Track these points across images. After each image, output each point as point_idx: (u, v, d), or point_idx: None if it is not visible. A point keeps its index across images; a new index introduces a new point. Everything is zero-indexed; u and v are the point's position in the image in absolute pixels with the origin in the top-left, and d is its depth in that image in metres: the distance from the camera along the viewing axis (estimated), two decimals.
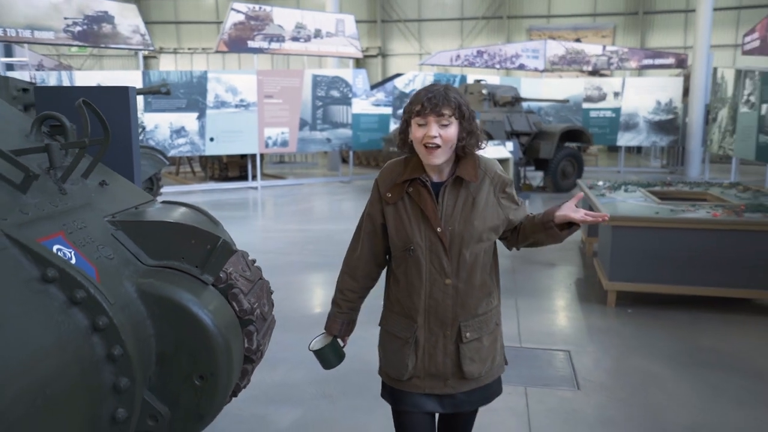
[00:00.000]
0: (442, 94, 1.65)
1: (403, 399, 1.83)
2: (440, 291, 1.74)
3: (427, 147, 1.66)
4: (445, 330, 1.76)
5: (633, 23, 24.76)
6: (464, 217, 1.72)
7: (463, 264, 1.73)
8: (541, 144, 11.32)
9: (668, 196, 5.83)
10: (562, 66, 16.04)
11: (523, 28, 25.61)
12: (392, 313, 1.85)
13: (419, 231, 1.73)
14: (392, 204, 1.77)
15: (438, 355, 1.78)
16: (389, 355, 1.85)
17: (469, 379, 1.80)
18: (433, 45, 25.96)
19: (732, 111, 11.33)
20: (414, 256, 1.74)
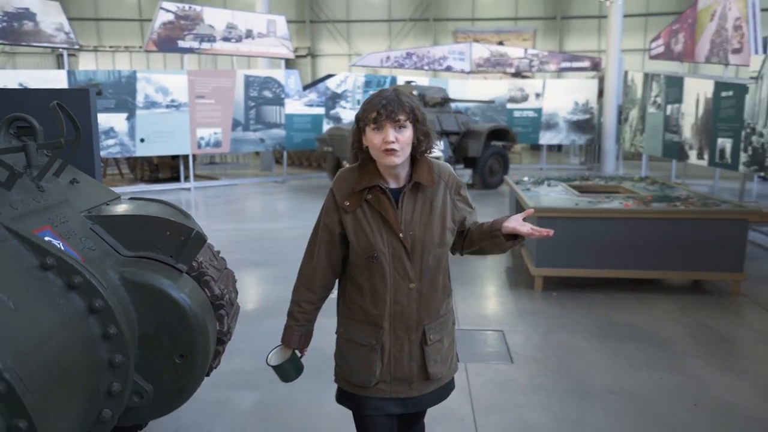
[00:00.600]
0: (396, 100, 1.67)
1: (368, 404, 1.84)
2: (404, 296, 1.76)
3: (386, 150, 1.67)
4: (411, 334, 1.78)
5: (552, 27, 26.00)
6: (424, 221, 1.75)
7: (426, 268, 1.76)
8: (470, 143, 11.83)
9: (586, 190, 6.37)
10: (486, 68, 16.71)
11: (449, 31, 26.34)
12: (353, 321, 1.84)
13: (381, 238, 1.74)
14: (351, 212, 1.76)
15: (404, 359, 1.79)
16: (352, 364, 1.84)
17: (433, 380, 1.84)
18: (362, 46, 26.30)
19: (641, 111, 12.24)
20: (378, 263, 1.74)
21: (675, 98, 10.32)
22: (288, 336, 1.91)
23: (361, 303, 1.80)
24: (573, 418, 2.99)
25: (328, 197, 1.82)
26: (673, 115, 10.42)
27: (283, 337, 1.92)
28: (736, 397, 3.23)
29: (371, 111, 1.67)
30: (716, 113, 8.50)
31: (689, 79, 9.94)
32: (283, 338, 1.92)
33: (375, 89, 14.15)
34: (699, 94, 9.26)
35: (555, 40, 25.71)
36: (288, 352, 1.92)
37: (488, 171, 12.19)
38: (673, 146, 10.36)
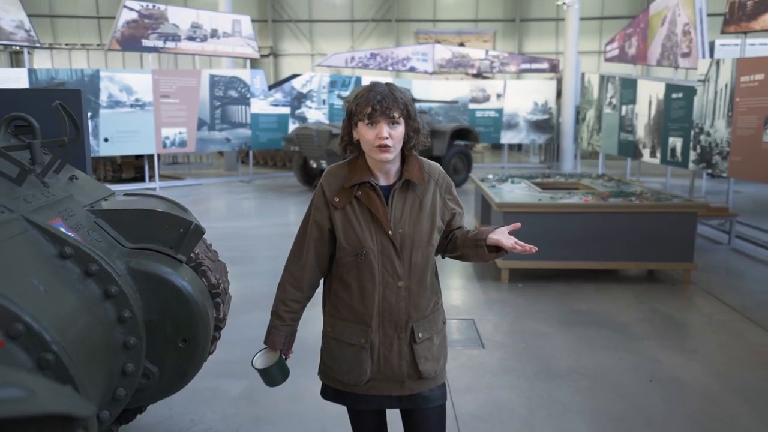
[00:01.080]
0: (390, 96, 1.67)
1: (360, 400, 1.84)
2: (393, 294, 1.75)
3: (380, 146, 1.67)
4: (399, 332, 1.77)
5: (511, 29, 26.57)
6: (413, 219, 1.75)
7: (415, 266, 1.75)
8: (434, 142, 12.08)
9: (548, 186, 6.68)
10: (449, 69, 17.04)
11: (411, 31, 26.64)
12: (340, 320, 1.82)
13: (370, 235, 1.73)
14: (340, 209, 1.75)
15: (393, 357, 1.77)
16: (341, 363, 1.81)
17: (426, 378, 1.82)
18: (325, 46, 26.40)
19: (598, 112, 12.73)
20: (366, 260, 1.73)
21: (629, 99, 10.80)
22: (273, 337, 1.86)
23: (348, 301, 1.79)
24: (541, 396, 3.24)
25: (317, 193, 1.81)
26: (627, 116, 10.89)
27: (267, 339, 1.87)
28: (686, 373, 3.53)
29: (366, 106, 1.66)
30: (667, 114, 8.96)
31: (642, 81, 10.42)
32: (267, 339, 1.87)
33: (340, 89, 14.37)
34: (651, 96, 9.73)
35: (514, 41, 26.29)
36: (274, 355, 1.88)
37: (452, 169, 12.49)
38: (627, 145, 10.83)
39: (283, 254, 1.98)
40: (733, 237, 6.99)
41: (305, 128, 11.29)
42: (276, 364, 1.86)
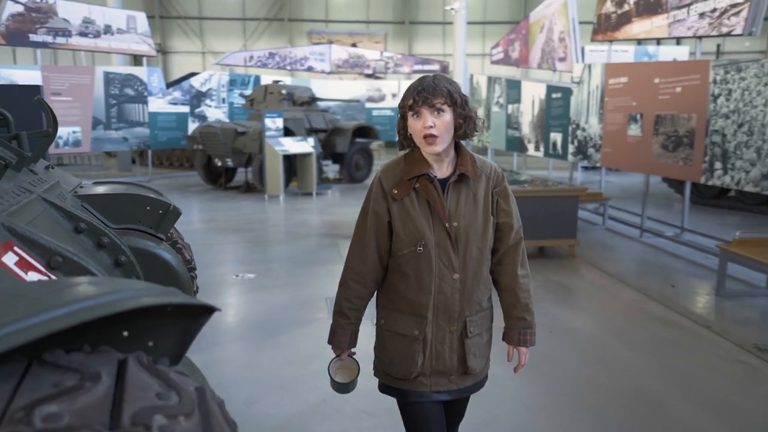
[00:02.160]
0: (432, 85, 1.67)
1: (411, 393, 1.84)
2: (449, 286, 1.75)
3: (426, 137, 1.68)
4: (452, 325, 1.78)
5: (401, 31, 27.58)
6: (468, 212, 1.76)
7: (470, 259, 1.76)
8: (337, 140, 12.57)
9: None
10: (345, 69, 17.57)
11: (303, 31, 26.90)
12: (394, 311, 1.83)
13: (428, 226, 1.74)
14: (399, 200, 1.76)
15: (445, 351, 1.78)
16: (393, 355, 1.82)
17: (471, 375, 1.84)
18: (216, 44, 26.04)
19: (487, 111, 13.77)
20: (425, 252, 1.74)
21: (514, 99, 11.85)
22: (338, 337, 1.86)
23: (404, 292, 1.79)
24: None
25: (375, 187, 1.82)
26: (513, 114, 11.94)
27: (332, 339, 1.88)
28: (577, 324, 4.27)
29: (408, 98, 1.69)
30: (548, 112, 10.02)
31: (526, 83, 11.49)
32: (332, 340, 1.88)
33: (240, 88, 14.45)
34: (534, 96, 10.79)
35: (404, 43, 27.31)
36: (353, 366, 1.89)
37: (354, 166, 13.03)
38: (514, 141, 11.88)
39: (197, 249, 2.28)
40: (606, 218, 8.07)
41: (209, 127, 11.33)
42: (357, 376, 1.87)
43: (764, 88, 5.16)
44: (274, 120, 10.58)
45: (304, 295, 4.95)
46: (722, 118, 5.67)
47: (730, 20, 6.29)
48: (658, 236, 7.18)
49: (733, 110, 5.51)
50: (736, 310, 4.63)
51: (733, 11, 6.24)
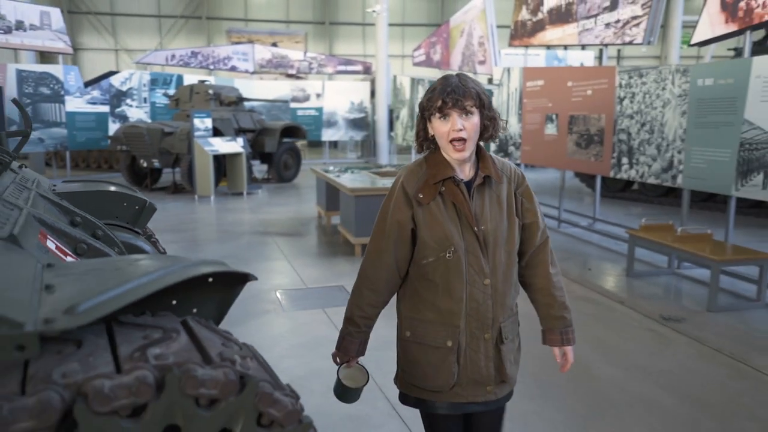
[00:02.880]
0: (461, 86, 1.61)
1: (445, 405, 1.76)
2: (480, 292, 1.69)
3: (454, 142, 1.62)
4: (486, 332, 1.71)
5: (321, 31, 27.74)
6: (494, 215, 1.70)
7: (500, 263, 1.70)
8: (265, 140, 12.64)
9: (383, 174, 7.71)
10: (269, 69, 17.58)
11: (222, 30, 26.51)
12: (422, 322, 1.74)
13: (457, 231, 1.67)
14: (425, 205, 1.68)
15: (481, 359, 1.72)
16: (424, 368, 1.73)
17: (507, 383, 1.78)
18: (130, 41, 25.20)
19: (410, 110, 14.26)
20: (454, 258, 1.67)
21: None
22: (346, 344, 1.80)
23: (433, 301, 1.71)
24: None
25: (396, 193, 1.74)
26: None
27: (340, 345, 1.82)
28: None
29: (436, 99, 1.62)
30: None
31: None
32: (340, 346, 1.82)
33: (162, 88, 14.19)
34: None
35: (325, 43, 27.48)
36: (362, 377, 1.82)
37: (283, 165, 13.14)
38: None
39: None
40: None
41: (135, 127, 11.12)
42: (365, 385, 1.82)
43: (662, 92, 5.85)
44: (203, 120, 10.55)
45: (253, 289, 5.14)
46: (627, 118, 6.34)
47: (632, 30, 7.01)
48: (574, 226, 7.85)
49: (637, 111, 6.19)
50: (644, 288, 5.27)
51: (634, 22, 6.97)
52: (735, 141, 4.96)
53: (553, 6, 8.61)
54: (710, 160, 5.25)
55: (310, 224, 8.28)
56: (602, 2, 7.45)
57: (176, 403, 1.11)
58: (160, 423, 1.10)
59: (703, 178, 5.37)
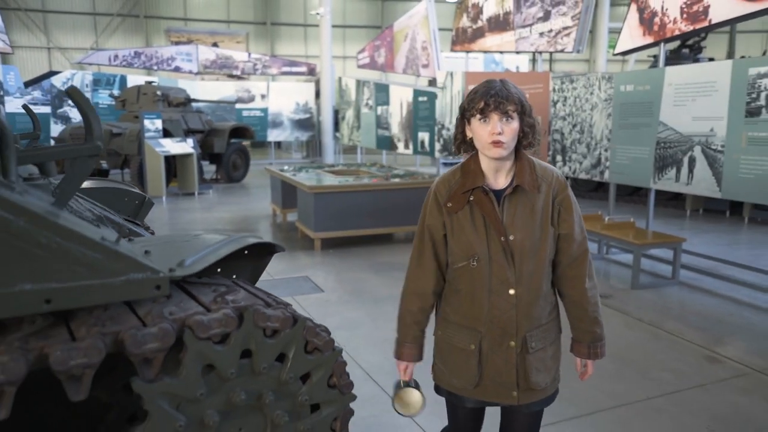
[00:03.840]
0: (504, 90, 1.61)
1: (471, 400, 1.83)
2: (504, 301, 1.69)
3: (493, 143, 1.62)
4: (510, 340, 1.72)
5: (263, 32, 27.76)
6: (525, 225, 1.68)
7: (527, 273, 1.69)
8: (214, 140, 12.79)
9: (337, 173, 8.13)
10: (213, 69, 17.62)
11: (161, 29, 26.14)
12: (451, 324, 1.80)
13: (483, 240, 1.68)
14: (454, 213, 1.71)
15: (502, 365, 1.73)
16: (451, 367, 1.81)
17: (535, 390, 1.77)
18: (64, 40, 24.54)
19: (356, 111, 14.70)
20: (478, 266, 1.69)
21: (383, 101, 12.86)
22: (403, 349, 1.83)
23: (458, 306, 1.76)
24: (374, 313, 4.61)
25: (430, 200, 1.79)
26: (383, 115, 12.96)
27: (398, 352, 1.84)
28: None
29: (478, 101, 1.62)
30: (416, 113, 11.12)
31: (394, 86, 12.54)
32: (398, 353, 1.84)
33: (105, 88, 14.06)
34: (402, 99, 11.86)
35: (267, 44, 27.53)
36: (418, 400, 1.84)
37: (232, 166, 13.32)
38: (384, 139, 12.91)
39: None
40: None
41: (81, 128, 11.05)
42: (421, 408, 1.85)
43: (590, 96, 6.52)
44: (153, 121, 10.64)
45: None
46: (560, 119, 7.00)
47: (563, 40, 7.70)
48: None
49: (569, 113, 6.86)
50: None
51: (565, 32, 7.66)
52: (652, 140, 5.66)
53: (491, 15, 9.24)
54: (632, 157, 5.94)
55: (265, 221, 8.61)
56: (536, 13, 8.12)
57: (251, 333, 1.54)
58: (239, 347, 1.52)
59: (626, 173, 6.07)
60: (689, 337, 4.15)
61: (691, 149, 5.29)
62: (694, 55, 10.57)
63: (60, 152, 1.57)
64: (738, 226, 8.27)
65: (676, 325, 4.38)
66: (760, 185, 4.71)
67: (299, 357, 1.61)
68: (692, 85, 5.28)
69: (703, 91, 5.17)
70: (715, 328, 4.35)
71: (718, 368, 3.65)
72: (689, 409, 3.13)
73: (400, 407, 1.83)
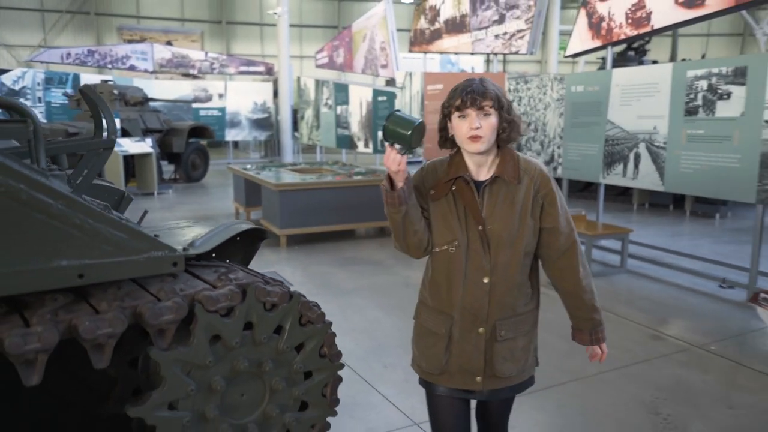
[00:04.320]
0: (481, 87, 1.68)
1: (438, 387, 1.87)
2: (478, 288, 1.74)
3: (471, 137, 1.67)
4: (480, 327, 1.76)
5: (218, 31, 27.49)
6: (503, 216, 1.72)
7: (502, 263, 1.73)
8: (173, 140, 12.70)
9: (300, 171, 8.27)
10: (169, 69, 17.43)
11: (113, 27, 25.60)
12: (427, 308, 1.86)
13: (462, 228, 1.74)
14: (436, 201, 1.78)
15: (472, 351, 1.78)
16: (422, 350, 1.87)
17: (501, 378, 1.81)
18: (10, 37, 23.76)
19: (316, 111, 14.82)
20: (456, 253, 1.75)
21: (343, 101, 13.03)
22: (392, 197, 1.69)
23: (436, 292, 1.82)
24: (343, 305, 4.80)
25: (418, 171, 1.86)
26: (342, 114, 13.12)
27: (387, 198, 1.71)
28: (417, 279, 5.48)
29: (456, 98, 1.69)
30: (376, 112, 11.33)
31: (353, 86, 12.72)
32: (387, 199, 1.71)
33: (58, 87, 13.79)
34: (362, 98, 12.05)
35: (222, 43, 27.28)
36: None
37: (191, 165, 13.26)
38: (344, 139, 13.07)
39: None
40: None
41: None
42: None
43: (544, 96, 6.86)
44: None
45: None
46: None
47: (517, 42, 8.05)
48: None
49: (524, 112, 7.18)
50: None
51: (519, 35, 8.00)
52: (601, 138, 6.03)
53: (448, 17, 9.54)
54: (583, 153, 6.31)
55: (227, 220, 8.68)
56: (492, 16, 8.45)
57: (253, 307, 1.73)
58: (243, 320, 1.71)
59: (578, 169, 6.43)
60: (636, 319, 4.49)
61: (637, 146, 5.67)
62: (639, 58, 11.14)
63: (80, 145, 1.71)
64: (681, 219, 8.79)
65: (624, 308, 4.72)
66: (698, 178, 5.11)
67: (294, 329, 1.79)
68: (637, 86, 5.65)
69: (646, 91, 5.55)
70: (659, 310, 4.71)
71: (661, 345, 3.99)
72: (636, 381, 3.44)
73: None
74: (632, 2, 5.92)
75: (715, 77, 4.91)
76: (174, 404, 1.57)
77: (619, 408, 3.15)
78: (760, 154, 4.58)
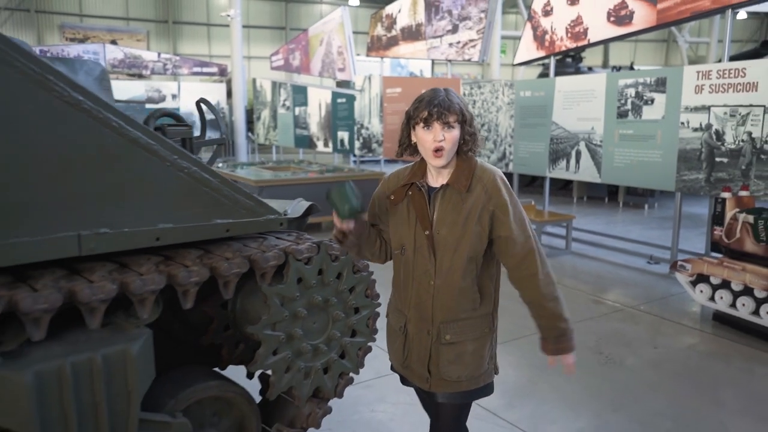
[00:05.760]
0: (446, 101, 1.72)
1: (404, 380, 2.04)
2: (425, 291, 1.82)
3: (435, 151, 1.73)
4: (428, 328, 1.83)
5: (164, 30, 27.33)
6: (451, 222, 1.77)
7: (446, 267, 1.78)
8: None
9: (272, 169, 8.82)
10: (122, 69, 17.48)
11: (54, 25, 25.11)
12: (392, 305, 2.01)
13: (412, 232, 1.82)
14: (395, 205, 1.87)
15: (422, 350, 1.86)
16: (389, 344, 2.02)
17: (448, 381, 1.84)
18: None
19: (272, 112, 15.27)
20: (405, 256, 1.85)
21: (301, 102, 13.56)
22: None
23: (396, 290, 1.96)
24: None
25: (382, 183, 1.99)
26: (301, 116, 13.66)
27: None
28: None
29: (422, 110, 1.73)
30: (335, 114, 11.95)
31: (312, 88, 13.29)
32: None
33: None
34: (320, 100, 12.64)
35: (169, 42, 27.14)
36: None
37: None
38: (303, 139, 13.62)
39: None
40: None
41: None
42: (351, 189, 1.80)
43: (496, 100, 7.70)
44: None
45: None
46: None
47: (470, 50, 8.87)
48: None
49: (478, 114, 8.00)
50: None
51: (471, 44, 8.83)
52: (547, 137, 6.90)
53: (404, 25, 10.29)
54: (531, 151, 7.17)
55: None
56: (446, 26, 9.24)
57: (324, 258, 2.37)
58: (318, 267, 2.35)
59: (526, 165, 7.29)
60: (581, 288, 5.35)
61: (577, 144, 6.56)
62: (576, 64, 12.24)
63: (207, 141, 2.32)
64: (615, 209, 9.87)
65: (570, 281, 5.58)
66: (629, 171, 6.04)
67: (349, 275, 2.45)
68: (577, 92, 6.55)
69: (585, 97, 6.45)
70: (599, 282, 5.60)
71: (602, 307, 4.85)
72: (583, 332, 4.26)
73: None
74: (571, 18, 6.82)
75: (641, 86, 5.83)
76: (274, 326, 2.20)
77: None
78: (678, 150, 5.52)
